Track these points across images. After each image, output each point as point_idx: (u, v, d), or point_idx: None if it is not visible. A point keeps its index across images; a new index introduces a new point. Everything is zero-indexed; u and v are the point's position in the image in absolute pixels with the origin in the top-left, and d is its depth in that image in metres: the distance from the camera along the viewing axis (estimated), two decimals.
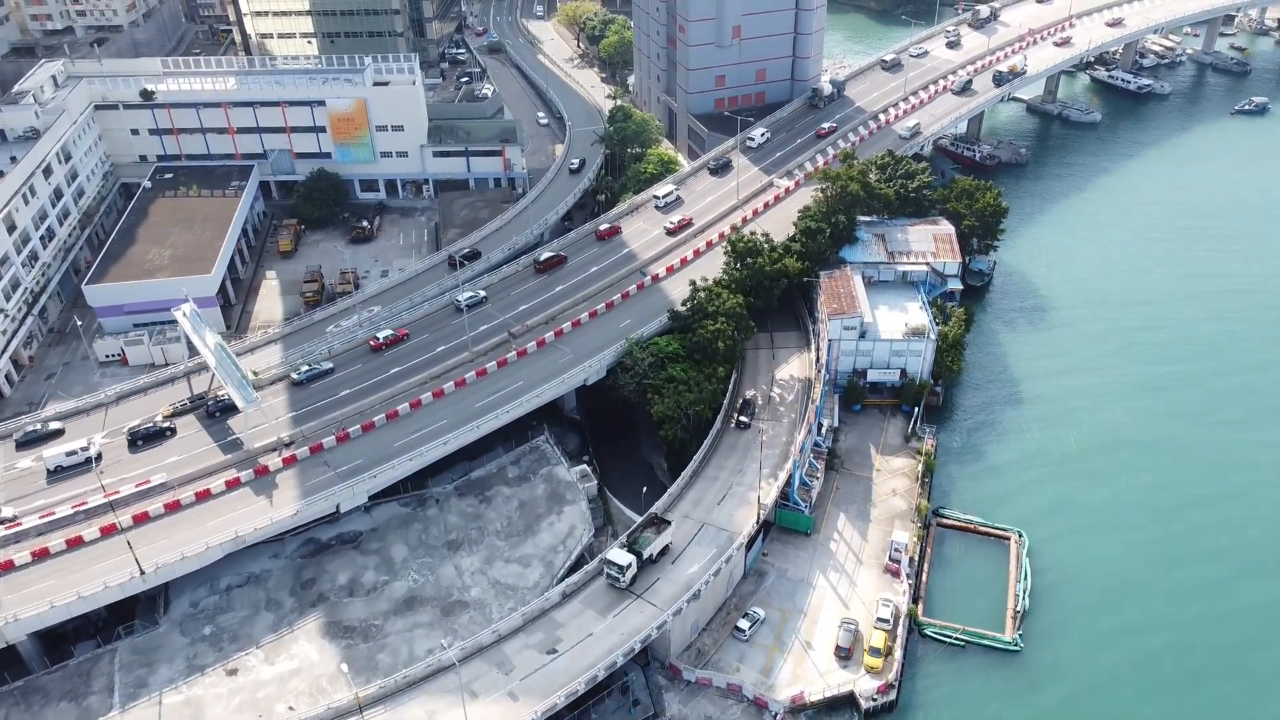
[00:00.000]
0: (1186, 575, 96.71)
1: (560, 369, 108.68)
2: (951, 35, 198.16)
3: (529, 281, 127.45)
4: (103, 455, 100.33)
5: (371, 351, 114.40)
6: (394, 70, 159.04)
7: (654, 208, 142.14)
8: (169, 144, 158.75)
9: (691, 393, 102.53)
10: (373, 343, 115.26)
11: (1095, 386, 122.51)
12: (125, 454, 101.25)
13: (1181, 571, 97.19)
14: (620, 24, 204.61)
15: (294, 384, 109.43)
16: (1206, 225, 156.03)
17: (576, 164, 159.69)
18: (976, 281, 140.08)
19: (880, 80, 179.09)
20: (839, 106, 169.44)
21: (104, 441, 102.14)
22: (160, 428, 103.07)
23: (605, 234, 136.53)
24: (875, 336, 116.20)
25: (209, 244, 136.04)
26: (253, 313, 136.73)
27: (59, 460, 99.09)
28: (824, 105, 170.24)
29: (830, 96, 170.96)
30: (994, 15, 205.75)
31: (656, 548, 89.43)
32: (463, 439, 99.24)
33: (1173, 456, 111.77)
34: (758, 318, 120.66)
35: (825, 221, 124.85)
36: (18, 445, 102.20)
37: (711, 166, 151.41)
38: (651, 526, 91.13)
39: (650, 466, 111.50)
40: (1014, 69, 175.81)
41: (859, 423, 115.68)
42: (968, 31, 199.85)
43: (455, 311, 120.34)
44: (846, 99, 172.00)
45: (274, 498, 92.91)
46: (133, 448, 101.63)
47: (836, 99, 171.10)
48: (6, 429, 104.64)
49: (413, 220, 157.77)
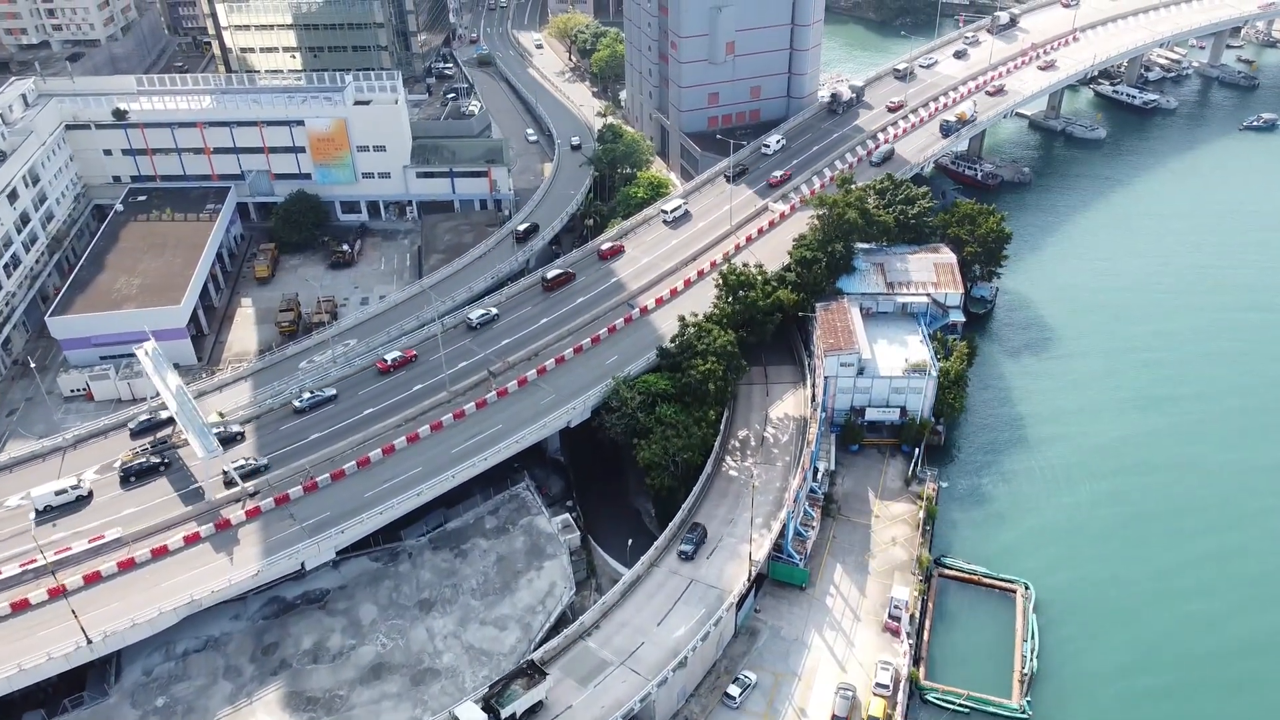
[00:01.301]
0: (1206, 631, 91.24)
1: (542, 410, 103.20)
2: (970, 39, 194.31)
3: (536, 300, 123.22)
4: (93, 493, 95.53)
5: (379, 374, 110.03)
6: (376, 88, 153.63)
7: (662, 222, 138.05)
8: (143, 165, 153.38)
9: (680, 438, 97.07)
10: (380, 364, 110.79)
11: (1103, 419, 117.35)
12: (118, 490, 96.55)
13: (1200, 627, 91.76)
14: (612, 37, 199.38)
15: (295, 411, 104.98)
16: (1215, 246, 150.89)
17: (577, 141, 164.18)
18: (979, 309, 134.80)
19: (895, 89, 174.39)
20: (852, 115, 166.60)
21: (95, 478, 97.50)
22: (153, 463, 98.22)
23: (607, 253, 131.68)
24: (874, 373, 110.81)
25: (180, 272, 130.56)
26: (226, 343, 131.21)
27: (47, 499, 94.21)
28: (842, 111, 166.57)
29: (849, 102, 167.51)
30: (1013, 21, 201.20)
31: (523, 706, 74.77)
32: (437, 489, 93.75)
33: (1186, 494, 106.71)
34: (751, 351, 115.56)
35: (821, 250, 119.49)
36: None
37: (728, 174, 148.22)
38: (522, 677, 76.29)
39: (638, 513, 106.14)
40: (962, 117, 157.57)
41: (857, 464, 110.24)
42: (986, 38, 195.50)
43: (467, 330, 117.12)
44: (865, 103, 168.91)
45: (235, 555, 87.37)
46: (125, 484, 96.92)
47: (856, 104, 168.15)
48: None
49: (395, 244, 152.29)
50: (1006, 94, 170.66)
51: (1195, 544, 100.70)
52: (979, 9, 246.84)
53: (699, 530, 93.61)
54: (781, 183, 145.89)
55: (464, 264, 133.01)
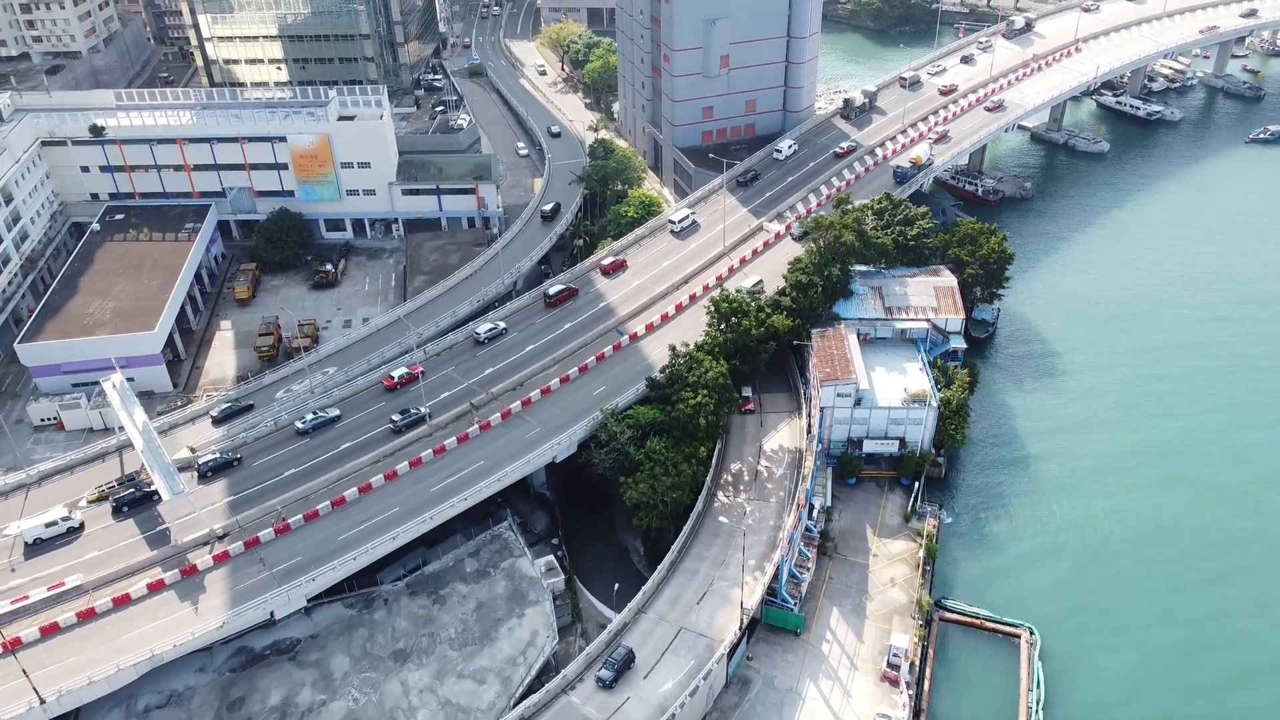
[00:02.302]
0: (1222, 684, 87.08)
1: (526, 445, 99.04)
2: (983, 45, 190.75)
3: (539, 316, 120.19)
4: (85, 525, 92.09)
5: (385, 391, 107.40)
6: (361, 103, 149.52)
7: (670, 232, 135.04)
8: (121, 182, 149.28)
9: (669, 476, 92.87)
10: (386, 382, 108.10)
11: (1108, 449, 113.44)
12: (110, 521, 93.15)
13: (1215, 676, 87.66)
14: (605, 47, 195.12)
15: (298, 433, 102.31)
16: (1222, 264, 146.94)
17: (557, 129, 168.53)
18: (980, 333, 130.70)
19: (902, 97, 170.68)
20: (865, 120, 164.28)
21: (85, 508, 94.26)
22: (145, 490, 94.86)
23: (609, 268, 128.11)
24: (872, 404, 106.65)
25: (156, 295, 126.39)
26: (203, 369, 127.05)
27: (38, 532, 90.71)
28: (854, 116, 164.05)
29: (861, 107, 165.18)
30: (1029, 26, 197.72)
31: None
32: (414, 531, 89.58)
33: (1196, 526, 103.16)
34: (745, 379, 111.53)
35: (818, 274, 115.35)
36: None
37: (740, 180, 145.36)
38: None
39: (627, 551, 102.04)
40: (916, 161, 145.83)
41: (854, 498, 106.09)
42: (1002, 43, 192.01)
43: (474, 344, 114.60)
44: (879, 109, 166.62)
45: (200, 604, 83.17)
46: (118, 515, 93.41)
47: (868, 110, 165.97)
48: None
49: (380, 263, 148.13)
50: (1005, 110, 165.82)
51: (1206, 580, 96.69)
52: (978, 17, 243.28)
53: (625, 654, 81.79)
54: (847, 154, 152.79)
55: (449, 286, 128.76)
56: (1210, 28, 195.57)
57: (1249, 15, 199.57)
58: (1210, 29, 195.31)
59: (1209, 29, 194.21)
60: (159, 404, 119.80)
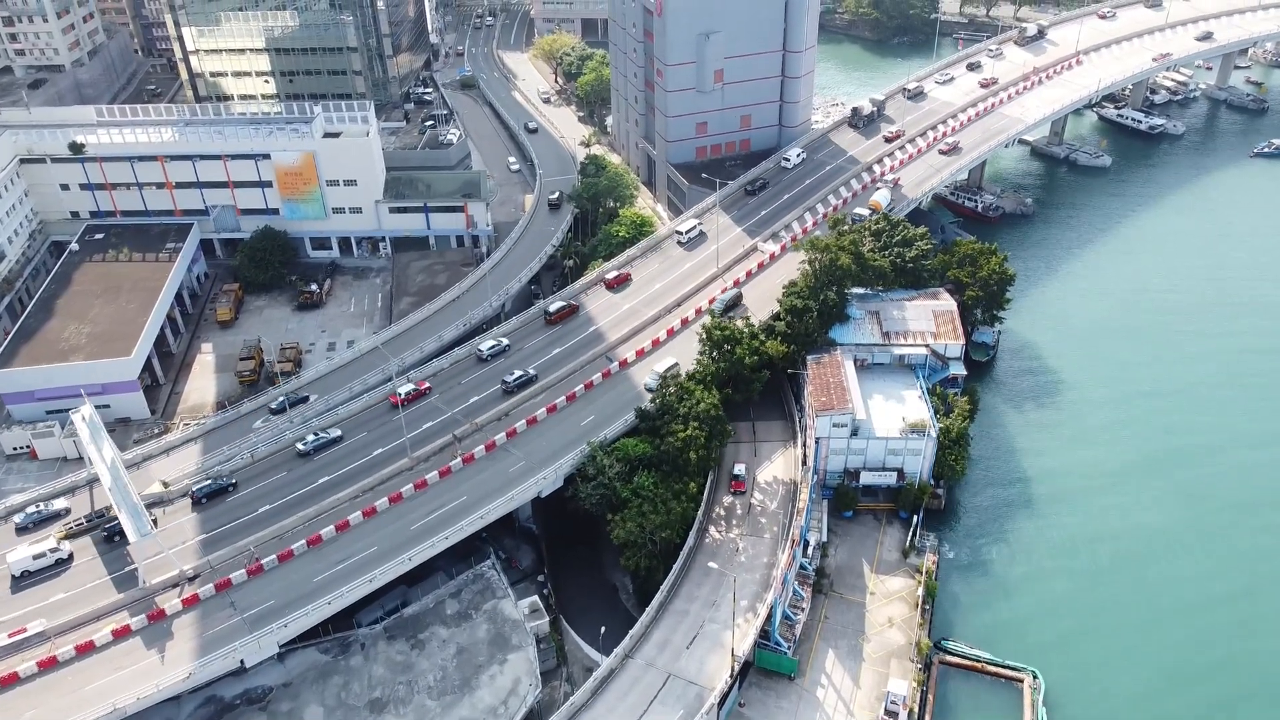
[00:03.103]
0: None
1: (510, 479, 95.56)
2: (994, 52, 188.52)
3: (539, 334, 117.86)
4: (74, 556, 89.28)
5: (391, 408, 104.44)
6: (347, 119, 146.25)
7: (676, 243, 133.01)
8: (102, 200, 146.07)
9: (658, 514, 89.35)
10: (393, 399, 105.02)
11: (1114, 476, 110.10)
12: (99, 549, 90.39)
13: None
14: (599, 60, 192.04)
15: (300, 455, 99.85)
16: (1228, 280, 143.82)
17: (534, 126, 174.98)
18: (981, 356, 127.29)
19: (906, 108, 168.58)
20: (874, 129, 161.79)
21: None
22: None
23: (613, 282, 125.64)
24: (869, 434, 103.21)
25: (134, 319, 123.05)
26: (182, 394, 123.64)
27: (25, 565, 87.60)
28: (863, 125, 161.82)
29: (870, 116, 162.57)
30: (1041, 33, 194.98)
31: None
32: (392, 572, 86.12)
33: (1208, 560, 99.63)
34: (738, 406, 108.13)
35: (813, 298, 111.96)
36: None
37: (749, 188, 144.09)
38: None
39: (615, 588, 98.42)
40: (875, 207, 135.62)
41: (851, 532, 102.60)
42: (1013, 49, 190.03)
43: (477, 361, 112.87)
44: (887, 117, 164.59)
45: (168, 651, 79.66)
46: (108, 543, 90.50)
47: (877, 118, 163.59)
48: None
49: (367, 283, 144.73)
50: (958, 152, 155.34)
51: (1222, 621, 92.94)
52: (977, 27, 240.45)
53: None
54: (896, 137, 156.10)
55: (434, 309, 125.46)
56: (1199, 38, 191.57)
57: (1204, 38, 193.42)
58: (1180, 47, 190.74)
59: (1162, 56, 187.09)
60: (136, 431, 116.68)
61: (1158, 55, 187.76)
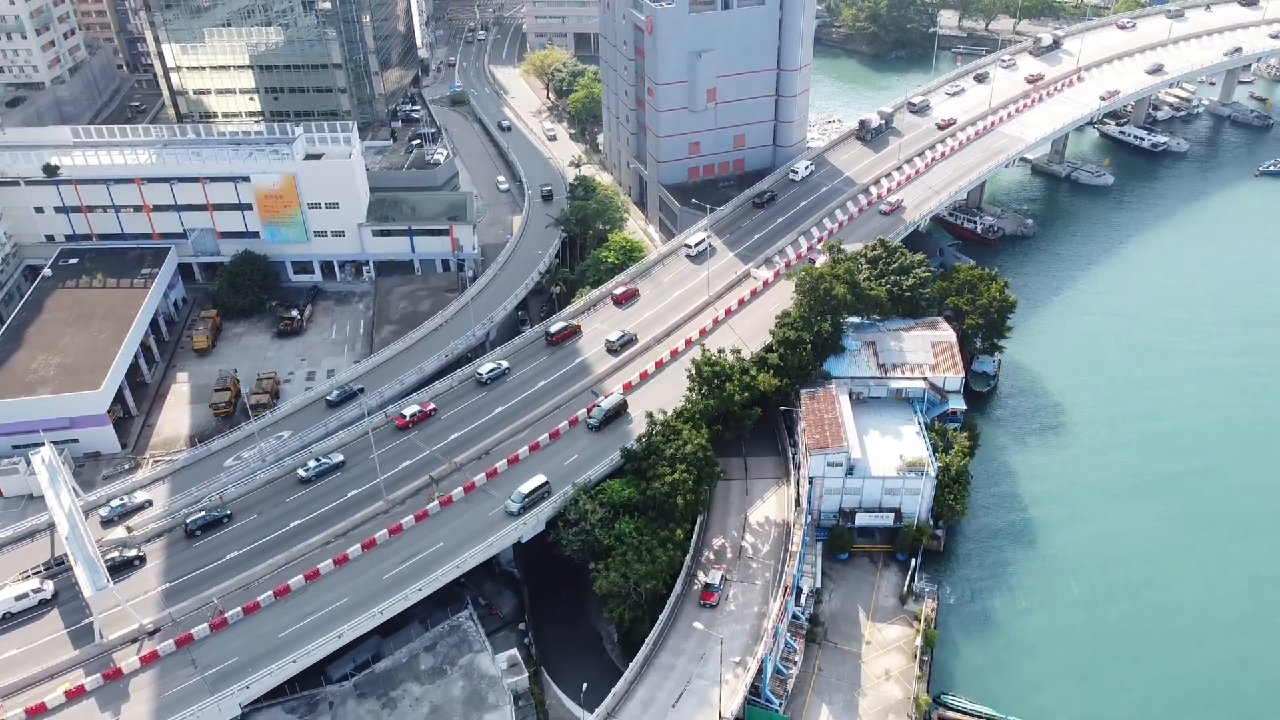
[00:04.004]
0: None
1: (489, 524, 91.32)
2: (1006, 63, 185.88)
3: (540, 356, 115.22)
4: (59, 595, 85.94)
5: (397, 430, 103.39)
6: (329, 140, 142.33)
7: (685, 257, 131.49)
8: (78, 223, 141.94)
9: (642, 564, 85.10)
10: (398, 420, 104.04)
11: (1120, 514, 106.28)
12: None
13: None
14: (590, 76, 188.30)
15: (301, 482, 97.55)
16: (1234, 304, 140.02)
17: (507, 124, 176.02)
18: (981, 386, 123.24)
19: (910, 124, 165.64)
20: (881, 143, 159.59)
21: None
22: (128, 556, 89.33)
23: (621, 298, 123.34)
24: (865, 473, 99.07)
25: (105, 349, 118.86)
26: (155, 427, 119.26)
27: (7, 606, 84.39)
28: (871, 138, 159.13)
29: (878, 129, 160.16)
30: (1056, 44, 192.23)
31: None
32: (363, 626, 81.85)
33: (1213, 600, 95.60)
34: (730, 442, 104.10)
35: (807, 329, 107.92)
36: None
37: (757, 200, 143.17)
38: None
39: (600, 637, 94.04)
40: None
41: (846, 576, 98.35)
42: (1028, 60, 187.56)
43: (476, 385, 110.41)
44: (895, 130, 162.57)
45: (123, 714, 75.38)
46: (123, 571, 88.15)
47: (885, 131, 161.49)
48: None
49: (349, 308, 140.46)
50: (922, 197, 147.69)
51: (1238, 677, 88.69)
52: (976, 41, 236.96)
53: None
54: (948, 125, 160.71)
55: (415, 339, 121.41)
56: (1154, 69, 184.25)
57: (1155, 71, 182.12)
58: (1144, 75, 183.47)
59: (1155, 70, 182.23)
60: (106, 467, 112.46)
61: (1152, 67, 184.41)
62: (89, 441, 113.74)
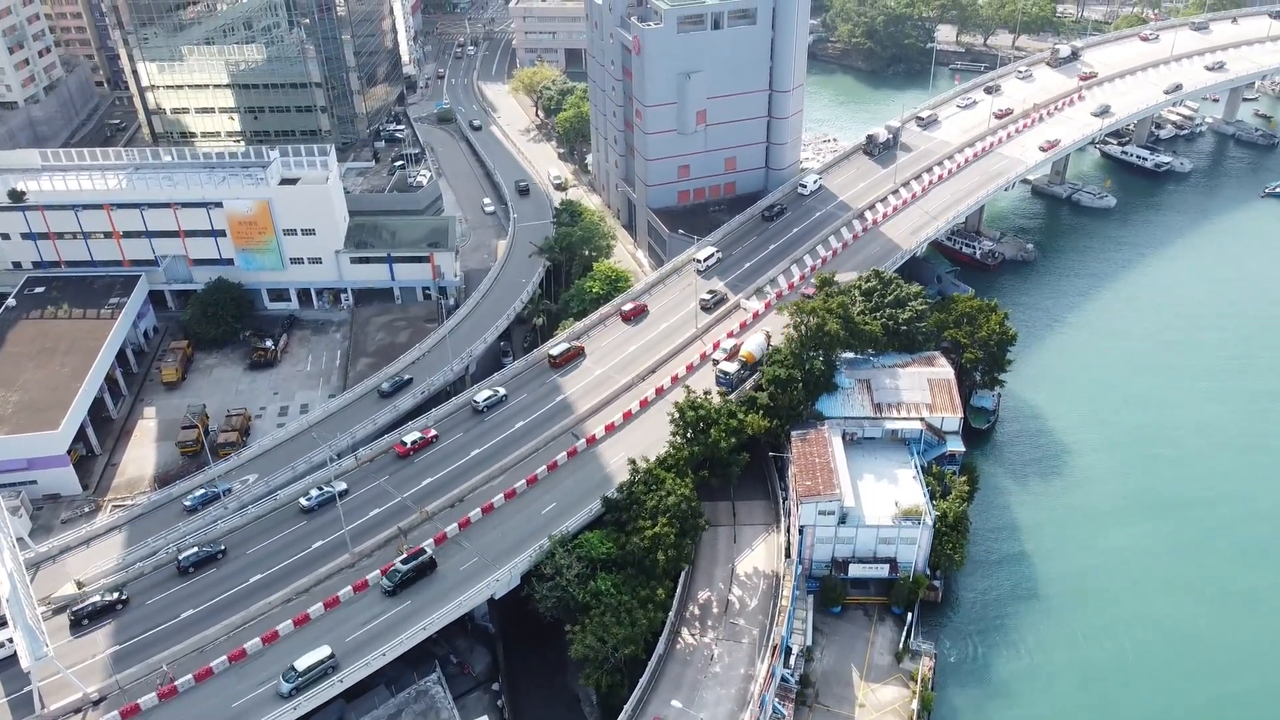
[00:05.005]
0: None
1: (460, 579, 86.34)
2: (1023, 74, 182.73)
3: (541, 380, 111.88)
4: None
5: (397, 458, 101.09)
6: (306, 164, 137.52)
7: (695, 272, 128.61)
8: (45, 250, 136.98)
9: (621, 627, 79.98)
10: (399, 448, 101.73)
11: (1127, 558, 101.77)
12: (67, 636, 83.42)
13: None
14: (579, 95, 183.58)
15: (303, 512, 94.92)
16: (1242, 332, 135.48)
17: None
18: (981, 423, 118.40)
19: (919, 139, 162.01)
20: (889, 158, 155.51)
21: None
22: (107, 601, 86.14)
23: (630, 314, 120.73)
24: (859, 522, 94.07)
25: (67, 384, 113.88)
26: (120, 465, 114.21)
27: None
28: (878, 153, 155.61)
29: (886, 144, 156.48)
30: (1075, 55, 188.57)
31: None
32: (320, 696, 76.80)
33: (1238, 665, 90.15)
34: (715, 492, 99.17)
35: (798, 368, 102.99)
36: None
37: (766, 213, 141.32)
38: None
39: (578, 699, 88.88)
40: (749, 359, 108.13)
41: (839, 631, 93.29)
42: (1044, 70, 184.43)
43: (473, 414, 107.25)
44: (904, 146, 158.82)
45: None
46: (75, 629, 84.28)
47: (893, 146, 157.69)
48: None
49: (326, 337, 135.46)
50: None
51: None
52: (974, 57, 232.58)
53: None
54: (1006, 115, 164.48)
55: (391, 372, 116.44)
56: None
57: (1101, 113, 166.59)
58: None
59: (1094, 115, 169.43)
60: (65, 509, 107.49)
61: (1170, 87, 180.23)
62: (48, 483, 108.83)
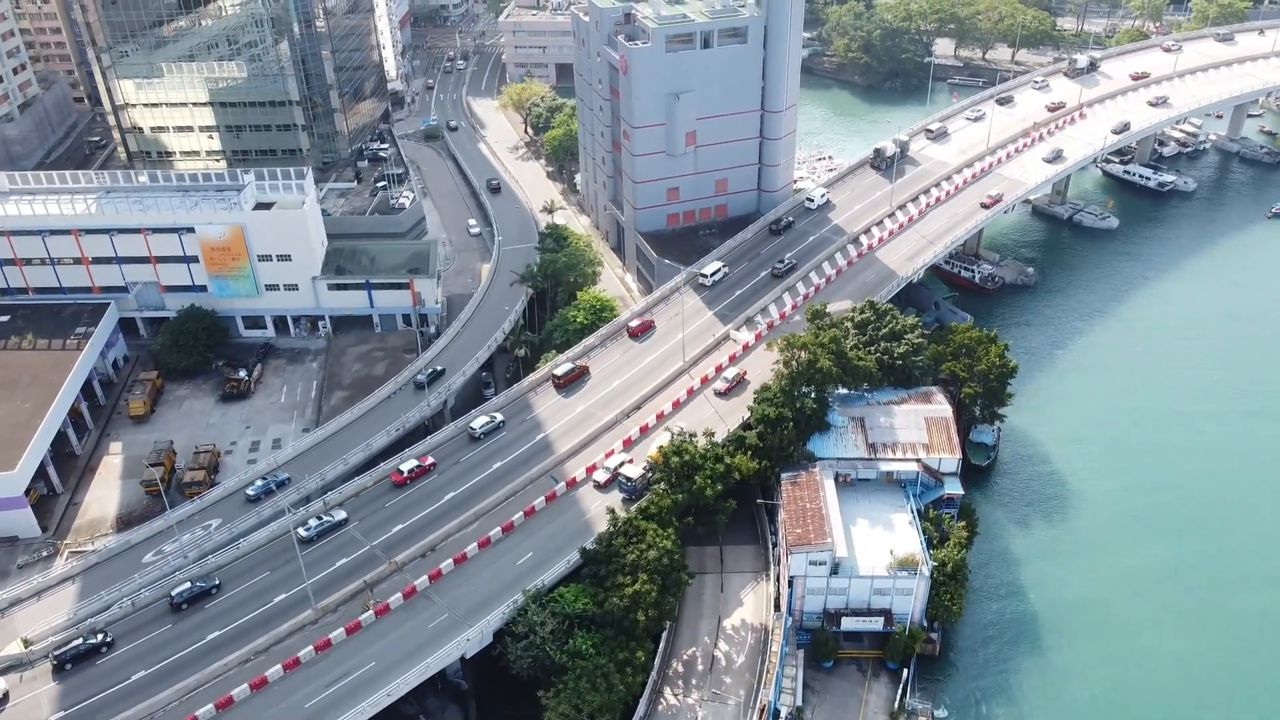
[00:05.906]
0: None
1: (430, 637, 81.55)
2: (1039, 84, 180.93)
3: (543, 403, 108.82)
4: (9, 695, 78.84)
5: (394, 487, 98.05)
6: (282, 187, 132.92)
7: (702, 286, 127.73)
8: (12, 276, 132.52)
9: (598, 693, 75.20)
10: (395, 477, 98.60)
11: (1133, 606, 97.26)
12: (49, 683, 79.83)
13: None
14: (568, 112, 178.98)
15: (302, 541, 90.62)
16: (1250, 360, 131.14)
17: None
18: (980, 459, 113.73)
19: (928, 152, 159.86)
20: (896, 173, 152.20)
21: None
22: (94, 644, 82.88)
23: (637, 330, 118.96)
24: (852, 572, 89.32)
25: (26, 422, 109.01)
26: (81, 506, 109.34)
27: None
28: (885, 167, 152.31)
29: (893, 157, 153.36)
30: (1093, 65, 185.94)
31: None
32: None
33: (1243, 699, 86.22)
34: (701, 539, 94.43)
35: (789, 406, 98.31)
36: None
37: (773, 227, 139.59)
38: None
39: None
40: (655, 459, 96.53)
41: (831, 687, 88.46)
42: (1061, 81, 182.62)
43: (469, 440, 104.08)
44: (912, 159, 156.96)
45: None
46: (58, 673, 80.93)
47: (902, 159, 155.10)
48: None
49: (302, 367, 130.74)
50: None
51: None
52: (973, 71, 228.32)
53: None
54: (1058, 107, 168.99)
55: (364, 411, 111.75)
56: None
57: (1054, 160, 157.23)
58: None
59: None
60: (22, 554, 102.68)
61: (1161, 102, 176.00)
62: (4, 525, 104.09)
